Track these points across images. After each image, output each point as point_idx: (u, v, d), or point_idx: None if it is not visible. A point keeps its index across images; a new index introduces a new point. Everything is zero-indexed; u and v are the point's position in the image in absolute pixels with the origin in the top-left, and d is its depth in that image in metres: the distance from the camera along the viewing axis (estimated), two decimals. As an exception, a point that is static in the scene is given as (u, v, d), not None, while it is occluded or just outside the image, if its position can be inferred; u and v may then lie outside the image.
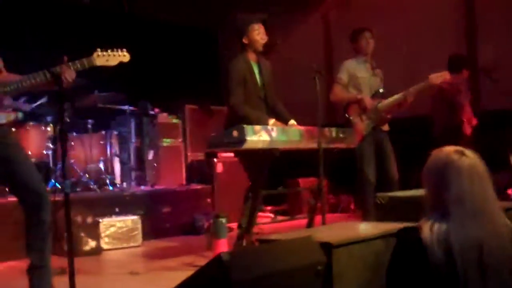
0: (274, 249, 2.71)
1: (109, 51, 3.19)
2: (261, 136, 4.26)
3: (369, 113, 5.49)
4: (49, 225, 3.01)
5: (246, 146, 4.20)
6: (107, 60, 3.17)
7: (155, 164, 7.59)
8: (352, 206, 7.68)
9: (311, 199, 5.02)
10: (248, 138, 4.18)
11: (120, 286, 4.15)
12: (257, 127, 4.28)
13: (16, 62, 3.16)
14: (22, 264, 4.86)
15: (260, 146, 4.29)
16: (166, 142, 7.76)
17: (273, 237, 3.18)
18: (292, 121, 5.01)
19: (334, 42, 8.75)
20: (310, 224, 4.95)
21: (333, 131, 4.92)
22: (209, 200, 6.89)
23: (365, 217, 5.28)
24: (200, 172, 7.50)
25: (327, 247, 2.90)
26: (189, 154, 8.20)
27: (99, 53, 3.14)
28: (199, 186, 7.05)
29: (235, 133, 4.20)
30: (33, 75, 2.93)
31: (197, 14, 9.04)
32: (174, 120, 8.10)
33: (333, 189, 7.80)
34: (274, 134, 4.37)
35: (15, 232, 5.17)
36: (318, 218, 4.86)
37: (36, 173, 3.03)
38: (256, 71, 4.93)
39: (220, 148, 4.48)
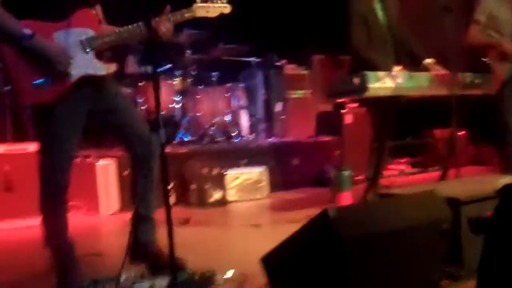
0: (391, 205, 2.46)
1: (209, 2, 3.00)
2: (384, 82, 3.96)
3: (510, 59, 4.91)
4: (157, 175, 2.95)
5: (368, 94, 3.93)
6: (207, 11, 2.99)
7: (283, 116, 7.47)
8: (495, 159, 7.09)
9: (444, 151, 4.63)
10: (371, 85, 3.91)
11: (241, 238, 4.10)
12: (381, 73, 3.98)
13: (118, 12, 3.08)
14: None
15: (383, 93, 4.00)
16: (295, 94, 7.60)
17: (395, 191, 2.92)
18: (427, 60, 4.57)
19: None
20: (443, 177, 4.59)
21: (468, 77, 4.49)
22: (338, 152, 6.66)
23: (507, 171, 4.80)
24: (329, 123, 7.26)
25: (455, 203, 2.61)
26: (318, 105, 7.99)
27: (199, 4, 2.98)
28: (327, 138, 6.83)
29: (356, 80, 3.94)
30: (128, 28, 2.84)
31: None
32: (303, 71, 7.91)
33: (474, 140, 7.25)
34: (399, 80, 4.06)
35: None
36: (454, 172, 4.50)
37: (143, 121, 2.98)
38: (379, 11, 4.55)
39: (341, 96, 4.25)
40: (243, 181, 5.63)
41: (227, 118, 6.63)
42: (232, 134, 6.58)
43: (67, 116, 2.75)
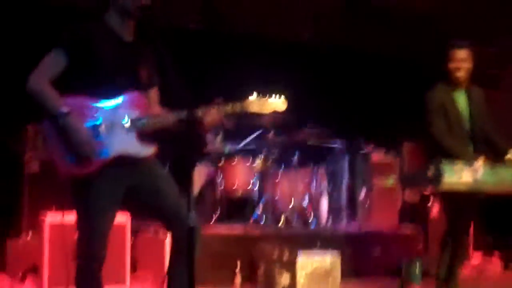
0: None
1: (266, 97, 2.91)
2: (461, 176, 3.71)
3: None
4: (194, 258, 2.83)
5: (444, 187, 3.69)
6: (261, 108, 2.89)
7: (366, 204, 7.22)
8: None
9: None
10: (446, 178, 3.67)
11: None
12: (458, 166, 3.75)
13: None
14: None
15: (460, 188, 3.73)
16: (383, 182, 7.36)
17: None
18: (510, 154, 4.30)
19: None
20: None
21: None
22: (420, 246, 6.30)
23: None
24: (414, 214, 6.92)
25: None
26: (405, 196, 7.67)
27: (254, 98, 2.91)
28: (409, 229, 6.49)
29: (430, 172, 3.72)
30: (168, 114, 2.85)
31: (417, 48, 8.53)
32: (390, 159, 7.68)
33: None
34: (479, 174, 3.78)
35: (213, 263, 5.24)
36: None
37: (185, 204, 2.89)
38: (459, 99, 4.37)
39: (413, 186, 4.02)
40: (314, 269, 5.38)
41: (305, 202, 6.48)
42: (309, 220, 6.40)
43: (103, 191, 2.77)
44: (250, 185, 6.39)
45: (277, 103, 2.96)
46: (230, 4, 7.24)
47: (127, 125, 2.81)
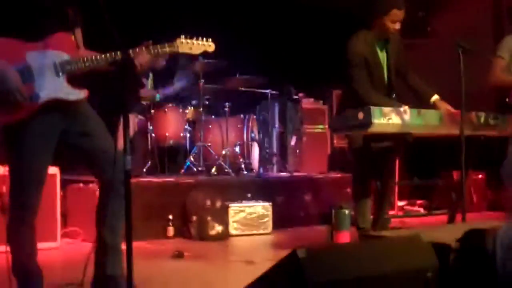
0: (372, 248, 2.27)
1: (194, 39, 2.94)
2: (390, 118, 3.78)
3: None
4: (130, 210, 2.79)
5: (373, 129, 3.76)
6: (190, 48, 2.93)
7: (297, 151, 7.32)
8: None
9: (452, 194, 4.41)
10: (376, 120, 3.73)
11: (231, 274, 3.92)
12: (386, 109, 3.82)
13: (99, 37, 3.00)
14: (148, 245, 4.92)
15: (389, 130, 3.81)
16: (313, 129, 7.46)
17: (380, 233, 2.73)
18: (435, 97, 4.40)
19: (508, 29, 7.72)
20: (450, 222, 4.36)
21: (481, 117, 4.29)
22: (349, 190, 6.44)
23: None
24: (343, 160, 7.06)
25: (443, 250, 2.40)
26: (335, 141, 7.81)
27: (183, 40, 2.91)
28: (339, 174, 6.62)
29: (360, 115, 3.77)
30: (103, 56, 2.76)
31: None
32: (320, 105, 7.78)
33: (493, 184, 6.97)
34: (406, 117, 3.88)
35: (144, 213, 5.20)
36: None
37: (113, 148, 2.84)
38: (380, 52, 4.38)
39: (343, 131, 4.07)
40: (246, 214, 5.45)
41: (237, 150, 6.49)
42: (242, 167, 6.42)
43: (36, 137, 2.67)
44: (182, 133, 6.31)
45: (205, 44, 3.02)
46: None
47: (58, 67, 2.71)
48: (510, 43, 4.87)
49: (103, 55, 2.75)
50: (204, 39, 3.00)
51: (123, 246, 2.57)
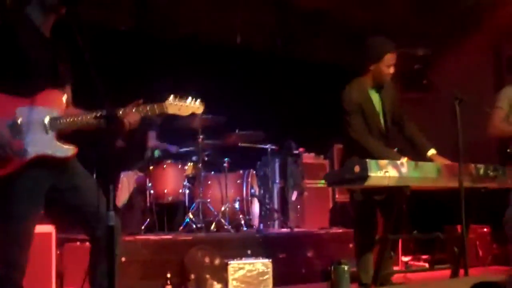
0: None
1: (183, 100, 2.94)
2: (387, 171, 3.73)
3: None
4: (118, 261, 2.75)
5: (370, 183, 3.69)
6: (179, 109, 2.93)
7: (298, 206, 7.25)
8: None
9: (455, 248, 4.32)
10: (372, 174, 3.67)
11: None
12: (383, 162, 3.76)
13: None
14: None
15: (386, 183, 3.76)
16: (314, 184, 7.41)
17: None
18: (432, 151, 4.38)
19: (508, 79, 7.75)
20: (454, 276, 4.25)
21: (481, 169, 4.23)
22: (351, 245, 6.33)
23: None
24: (344, 215, 6.98)
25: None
26: (337, 196, 7.75)
27: (171, 101, 2.91)
28: (340, 230, 6.52)
29: (356, 168, 3.72)
30: (89, 113, 2.77)
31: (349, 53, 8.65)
32: (321, 160, 7.75)
33: (499, 237, 6.84)
34: (404, 169, 3.82)
35: (141, 272, 5.11)
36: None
37: (104, 203, 2.80)
38: (375, 99, 4.38)
39: (339, 185, 4.03)
40: (246, 272, 5.33)
41: (237, 206, 6.42)
42: (242, 223, 6.34)
43: (23, 192, 2.66)
44: (181, 190, 6.27)
45: (194, 106, 3.01)
46: (163, 7, 7.14)
47: (47, 124, 2.72)
48: (509, 94, 4.89)
49: (89, 113, 2.76)
50: (193, 100, 2.99)
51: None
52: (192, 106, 2.97)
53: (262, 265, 5.42)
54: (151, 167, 6.17)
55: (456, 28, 7.66)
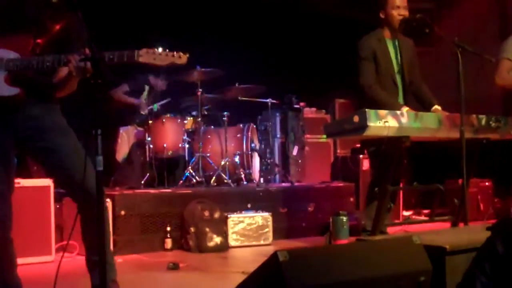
0: (361, 251, 2.15)
1: (161, 50, 2.76)
2: (387, 121, 3.67)
3: None
4: (103, 219, 2.68)
5: (368, 132, 3.64)
6: (154, 59, 2.72)
7: (299, 161, 7.20)
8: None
9: (455, 201, 4.28)
10: (371, 123, 3.61)
11: (224, 284, 3.79)
12: (382, 112, 3.70)
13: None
14: (145, 257, 4.81)
15: (385, 133, 3.69)
16: (316, 138, 7.36)
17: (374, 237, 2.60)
18: (436, 107, 4.34)
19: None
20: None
21: (483, 119, 4.16)
22: (352, 199, 6.32)
23: None
24: (345, 169, 6.94)
25: (438, 253, 2.28)
26: (338, 151, 7.71)
27: (148, 50, 2.72)
28: (341, 184, 6.48)
29: (356, 118, 3.66)
30: (41, 57, 2.68)
31: (357, 5, 8.44)
32: (323, 115, 7.68)
33: (501, 191, 6.81)
34: (404, 120, 3.76)
35: (141, 225, 5.11)
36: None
37: (81, 164, 2.70)
38: (391, 49, 4.35)
39: (339, 135, 3.96)
40: (246, 225, 5.33)
41: (237, 160, 6.38)
42: (242, 177, 6.31)
43: None
44: (181, 144, 6.22)
45: (175, 56, 2.81)
46: None
47: (1, 64, 2.67)
48: None
49: (40, 57, 2.67)
50: (175, 52, 2.81)
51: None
52: (171, 56, 2.79)
53: (262, 218, 5.42)
54: (150, 122, 6.10)
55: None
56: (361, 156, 6.60)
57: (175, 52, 2.75)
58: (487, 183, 6.90)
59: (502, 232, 1.72)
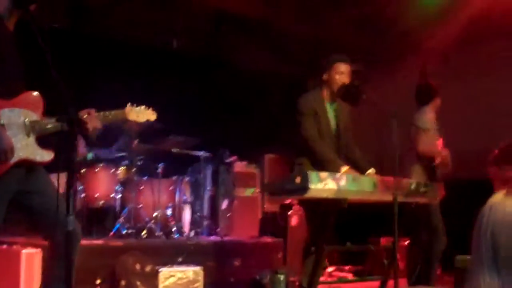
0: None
1: (140, 107, 3.01)
2: (327, 184, 3.83)
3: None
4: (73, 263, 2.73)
5: (310, 194, 3.78)
6: (137, 116, 3.01)
7: (228, 214, 7.26)
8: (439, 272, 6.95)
9: (384, 260, 4.47)
10: (312, 186, 3.76)
11: None
12: (323, 174, 3.85)
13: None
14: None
15: (325, 195, 3.85)
16: (246, 191, 7.46)
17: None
18: (371, 170, 4.55)
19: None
20: (383, 287, 4.40)
21: (413, 184, 4.42)
22: (280, 255, 6.42)
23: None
24: (274, 224, 7.07)
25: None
26: (265, 206, 7.83)
27: (131, 108, 2.97)
28: (270, 239, 6.59)
29: (297, 180, 3.80)
30: (57, 118, 2.75)
31: (286, 61, 8.75)
32: (252, 169, 7.81)
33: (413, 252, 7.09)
34: (342, 182, 3.93)
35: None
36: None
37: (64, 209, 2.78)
38: (329, 111, 4.55)
39: (281, 195, 4.09)
40: (177, 279, 5.30)
41: (169, 212, 6.37)
42: (173, 230, 6.29)
43: None
44: (113, 194, 6.15)
45: (149, 113, 3.14)
46: (100, 7, 7.01)
47: (27, 127, 2.70)
48: (429, 117, 5.20)
49: (56, 118, 2.75)
50: (148, 108, 3.11)
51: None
52: (147, 113, 3.01)
53: (193, 273, 5.42)
54: (83, 170, 6.01)
55: (391, 49, 7.97)
56: (289, 212, 6.75)
57: (149, 109, 2.94)
58: (406, 242, 7.18)
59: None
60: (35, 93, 2.80)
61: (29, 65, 2.90)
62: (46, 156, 2.78)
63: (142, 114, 3.03)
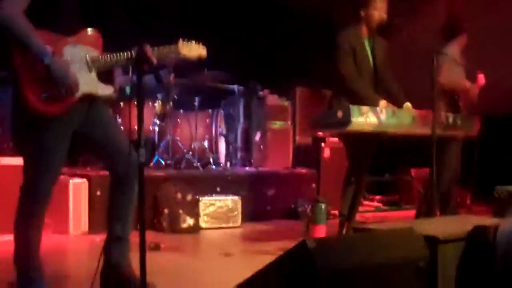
0: (369, 239, 2.41)
1: (191, 42, 3.03)
2: (368, 118, 3.94)
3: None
4: (136, 196, 2.87)
5: (351, 128, 3.90)
6: (190, 51, 3.02)
7: (261, 146, 7.43)
8: (468, 201, 7.10)
9: (421, 189, 4.61)
10: (354, 119, 3.88)
11: (214, 267, 4.00)
12: (364, 108, 3.96)
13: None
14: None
15: (366, 128, 3.97)
16: (275, 124, 7.59)
17: (370, 226, 2.87)
18: (407, 104, 4.61)
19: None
20: (418, 216, 4.57)
21: (450, 117, 4.50)
22: (313, 185, 6.62)
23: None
24: (307, 156, 7.24)
25: (432, 242, 2.55)
26: (297, 137, 7.97)
27: (184, 43, 3.00)
28: (304, 170, 6.78)
29: (339, 114, 3.91)
30: (124, 53, 2.83)
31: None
32: (284, 103, 7.90)
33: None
34: (383, 116, 4.04)
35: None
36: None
37: (126, 141, 2.93)
38: (367, 47, 4.57)
39: (323, 129, 4.23)
40: (217, 208, 5.53)
41: (205, 144, 6.56)
42: (210, 161, 6.50)
43: (61, 131, 2.74)
44: (151, 127, 6.33)
45: (200, 48, 3.11)
46: None
47: (89, 63, 2.79)
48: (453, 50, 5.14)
49: (123, 53, 2.83)
50: (198, 43, 3.08)
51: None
52: (198, 48, 3.04)
53: (231, 202, 5.64)
54: (121, 104, 6.17)
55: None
56: (323, 144, 6.89)
57: (200, 45, 2.97)
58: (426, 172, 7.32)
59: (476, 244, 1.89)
60: (93, 30, 2.88)
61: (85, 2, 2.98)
62: (107, 90, 2.88)
63: (194, 49, 3.04)
